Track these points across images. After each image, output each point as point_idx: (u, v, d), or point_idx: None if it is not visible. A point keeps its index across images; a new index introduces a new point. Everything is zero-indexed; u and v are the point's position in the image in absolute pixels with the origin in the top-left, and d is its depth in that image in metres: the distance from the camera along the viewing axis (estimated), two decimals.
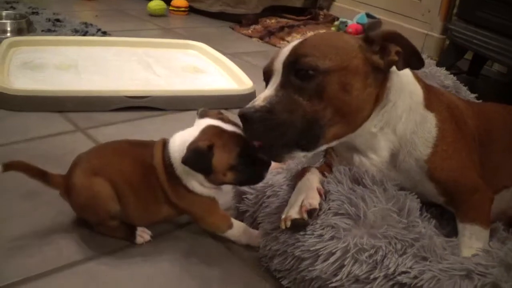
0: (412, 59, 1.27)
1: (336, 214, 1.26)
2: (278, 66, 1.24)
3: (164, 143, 1.41)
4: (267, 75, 1.28)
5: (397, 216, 1.28)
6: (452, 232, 1.42)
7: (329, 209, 1.27)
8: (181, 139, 1.38)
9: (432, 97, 1.40)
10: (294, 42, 1.26)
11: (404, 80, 1.35)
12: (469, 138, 1.44)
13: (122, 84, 2.31)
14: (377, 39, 1.26)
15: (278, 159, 1.27)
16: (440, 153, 1.36)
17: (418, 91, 1.38)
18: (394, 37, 1.26)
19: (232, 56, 3.05)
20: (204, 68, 2.73)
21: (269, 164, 1.36)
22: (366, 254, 1.19)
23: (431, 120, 1.37)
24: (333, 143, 1.29)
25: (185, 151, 1.31)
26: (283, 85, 1.23)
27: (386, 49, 1.26)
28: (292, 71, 1.22)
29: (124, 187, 1.36)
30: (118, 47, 2.80)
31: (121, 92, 2.20)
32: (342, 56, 1.24)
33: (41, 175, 1.37)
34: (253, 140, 1.25)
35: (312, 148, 1.25)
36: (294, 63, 1.21)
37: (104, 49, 2.75)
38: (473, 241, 1.34)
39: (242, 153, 1.34)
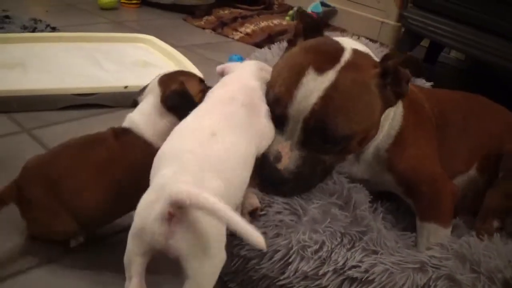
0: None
1: (277, 213, 1.24)
2: (296, 118, 1.19)
3: (116, 133, 1.35)
4: (281, 119, 1.23)
5: (342, 210, 1.26)
6: (408, 227, 1.42)
7: (270, 206, 1.25)
8: (141, 107, 1.38)
9: None
10: (313, 95, 1.18)
11: None
12: (428, 123, 1.44)
13: (69, 82, 2.24)
14: (392, 69, 1.23)
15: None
16: (400, 142, 1.35)
17: None
18: (409, 62, 1.24)
19: (185, 48, 3.01)
20: (154, 62, 2.68)
21: None
22: (310, 249, 1.17)
23: (400, 108, 1.36)
24: None
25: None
26: (305, 144, 1.21)
27: (398, 77, 1.23)
28: (316, 135, 1.18)
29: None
30: (66, 43, 2.72)
31: (67, 90, 2.15)
32: (367, 117, 1.22)
33: None
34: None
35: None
36: (320, 130, 1.18)
37: (52, 45, 2.67)
38: (431, 241, 1.32)
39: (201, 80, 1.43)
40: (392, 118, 1.34)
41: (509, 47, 2.48)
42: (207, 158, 1.05)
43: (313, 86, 1.17)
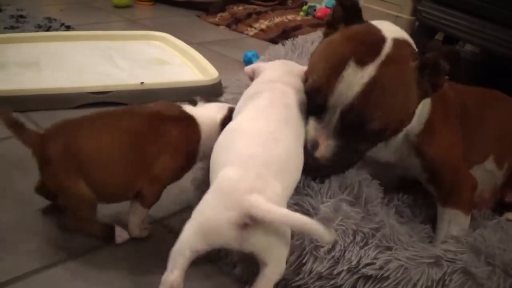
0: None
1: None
2: (334, 109, 1.21)
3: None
4: (320, 108, 1.24)
5: (353, 206, 1.26)
6: (425, 221, 1.42)
7: None
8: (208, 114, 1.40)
9: None
10: (353, 89, 1.18)
11: None
12: (453, 112, 1.45)
13: (85, 80, 2.25)
14: (431, 62, 1.22)
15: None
16: (430, 128, 1.36)
17: None
18: (450, 55, 1.22)
19: (199, 45, 3.01)
20: (169, 59, 2.69)
21: None
22: (323, 249, 1.18)
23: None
24: None
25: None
26: (341, 133, 1.22)
27: (436, 70, 1.23)
28: (352, 127, 1.20)
29: None
30: (81, 42, 2.74)
31: (83, 88, 2.15)
32: (403, 111, 1.23)
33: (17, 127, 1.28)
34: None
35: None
36: (356, 123, 1.19)
37: (66, 44, 2.69)
38: (452, 226, 1.34)
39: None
40: (422, 104, 1.34)
41: None
42: (269, 162, 1.08)
43: (354, 80, 1.17)
